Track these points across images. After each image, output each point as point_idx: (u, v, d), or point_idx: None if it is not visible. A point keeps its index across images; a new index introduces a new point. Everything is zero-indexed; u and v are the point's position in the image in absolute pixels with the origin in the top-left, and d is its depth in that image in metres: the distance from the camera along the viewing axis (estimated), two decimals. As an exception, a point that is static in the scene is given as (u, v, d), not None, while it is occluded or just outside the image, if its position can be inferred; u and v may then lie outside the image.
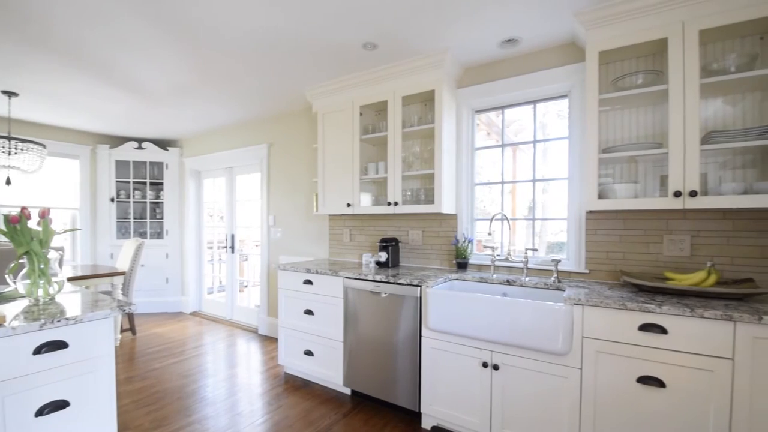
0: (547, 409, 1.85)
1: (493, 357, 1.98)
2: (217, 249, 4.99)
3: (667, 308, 1.57)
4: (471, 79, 2.73)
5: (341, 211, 3.01)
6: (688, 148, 1.76)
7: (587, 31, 2.01)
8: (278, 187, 4.01)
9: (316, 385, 2.84)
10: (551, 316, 1.80)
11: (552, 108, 2.63)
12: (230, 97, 3.43)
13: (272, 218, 4.05)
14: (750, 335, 1.45)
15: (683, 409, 1.56)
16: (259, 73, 2.87)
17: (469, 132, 2.78)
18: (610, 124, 2.20)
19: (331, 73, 2.86)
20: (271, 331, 4.00)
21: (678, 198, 1.79)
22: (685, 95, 1.77)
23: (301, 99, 3.48)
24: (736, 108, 1.90)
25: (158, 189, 5.13)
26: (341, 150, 3.01)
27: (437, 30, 2.23)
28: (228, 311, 4.68)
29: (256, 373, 3.07)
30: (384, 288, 2.40)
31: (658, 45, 1.92)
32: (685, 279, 1.83)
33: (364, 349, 2.50)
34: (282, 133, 3.97)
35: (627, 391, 1.67)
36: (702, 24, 1.74)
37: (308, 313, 2.80)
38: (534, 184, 2.61)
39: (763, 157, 1.85)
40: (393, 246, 2.87)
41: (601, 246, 2.25)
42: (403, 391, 2.31)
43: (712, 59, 1.86)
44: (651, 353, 1.61)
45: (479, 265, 2.69)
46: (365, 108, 3.00)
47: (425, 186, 2.89)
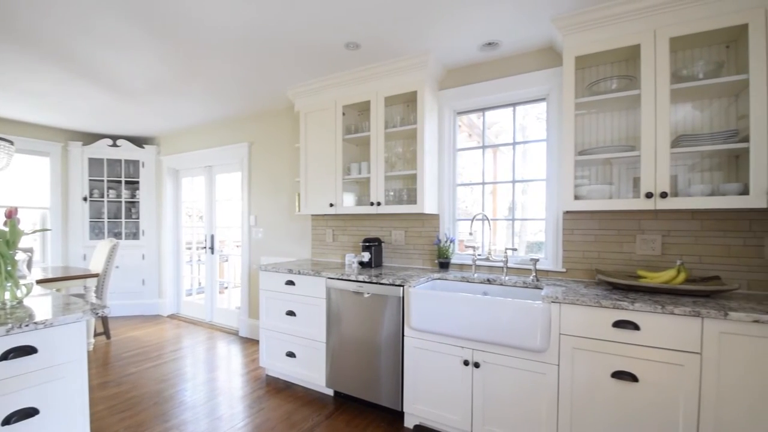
0: (527, 404, 1.89)
1: (474, 355, 2.01)
2: (196, 250, 4.89)
3: (639, 305, 1.63)
4: (453, 81, 2.77)
5: (324, 211, 3.00)
6: (659, 151, 1.83)
7: (564, 36, 2.07)
8: (260, 186, 3.96)
9: (298, 387, 2.81)
10: (530, 314, 1.84)
11: (531, 111, 2.68)
12: (210, 95, 3.36)
13: (253, 218, 3.99)
14: (717, 330, 1.52)
15: (655, 402, 1.62)
16: (240, 70, 2.82)
17: (450, 133, 2.81)
18: (586, 127, 2.27)
19: (313, 72, 2.84)
20: (253, 333, 3.94)
21: (650, 199, 1.86)
22: (656, 100, 1.84)
23: (282, 97, 3.44)
24: (704, 113, 1.99)
25: (134, 188, 4.98)
26: (324, 150, 2.99)
27: (419, 32, 2.25)
28: (207, 313, 4.59)
29: (236, 376, 3.01)
30: (367, 288, 2.40)
31: (632, 51, 1.99)
32: (657, 277, 1.91)
33: (346, 350, 2.49)
34: (263, 131, 3.92)
35: (602, 386, 1.72)
36: (672, 32, 1.82)
37: (290, 314, 2.77)
38: (513, 185, 2.66)
39: (729, 160, 1.94)
40: (376, 246, 2.87)
41: (577, 245, 2.32)
42: (386, 391, 2.32)
43: (682, 66, 1.94)
44: (624, 349, 1.67)
45: (461, 264, 2.73)
46: (348, 108, 2.99)
47: (408, 186, 2.91)
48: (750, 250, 1.92)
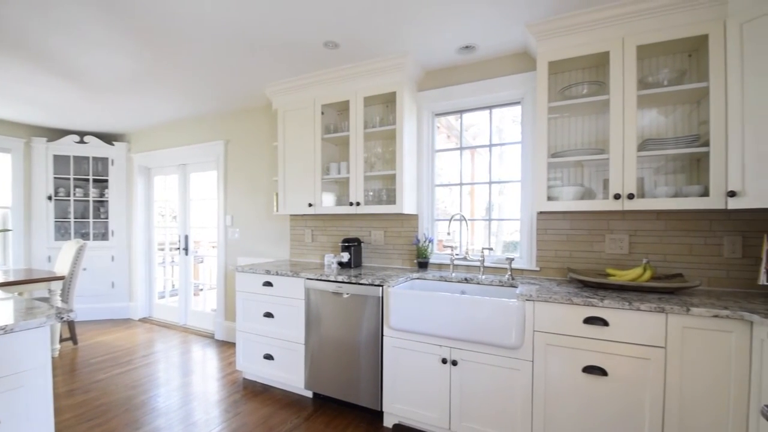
0: (502, 400, 1.93)
1: (452, 353, 2.04)
2: (169, 251, 4.74)
3: (608, 302, 1.69)
4: (431, 83, 2.79)
5: (303, 211, 2.97)
6: (627, 155, 1.92)
7: (538, 42, 2.13)
8: (236, 185, 3.88)
9: (276, 390, 2.78)
10: (505, 312, 1.88)
11: (507, 114, 2.74)
12: (184, 91, 3.27)
13: (230, 218, 3.90)
14: (680, 325, 1.60)
15: (623, 395, 1.69)
16: (216, 66, 2.76)
17: (429, 134, 2.84)
18: (558, 131, 2.34)
19: (292, 70, 2.81)
20: (229, 335, 3.86)
21: (618, 200, 1.94)
22: (624, 105, 1.92)
23: (260, 95, 3.38)
24: (668, 118, 2.09)
25: (103, 186, 4.78)
26: (303, 149, 2.96)
27: (397, 33, 2.26)
28: (181, 316, 4.46)
29: (212, 380, 2.95)
30: (346, 288, 2.39)
31: (602, 58, 2.07)
32: (624, 275, 1.99)
33: (326, 351, 2.48)
34: (240, 129, 3.84)
35: (573, 381, 1.78)
36: (639, 40, 1.90)
37: (268, 316, 2.73)
38: (490, 186, 2.71)
39: (691, 163, 2.05)
40: (355, 246, 2.87)
41: (550, 245, 2.39)
42: (366, 391, 2.32)
43: (648, 73, 2.04)
44: (594, 344, 1.73)
45: (439, 264, 2.76)
46: (327, 107, 2.98)
47: (387, 186, 2.92)
48: (710, 248, 2.03)
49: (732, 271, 1.98)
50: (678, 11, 1.83)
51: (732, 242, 1.98)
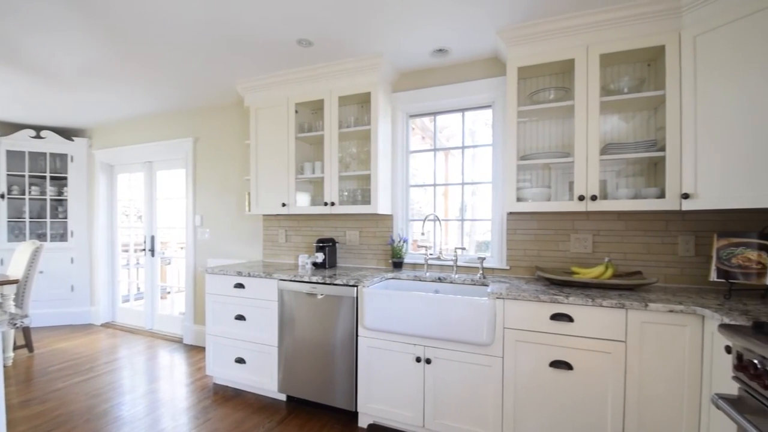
0: (475, 396, 1.98)
1: (426, 352, 2.07)
2: (134, 252, 4.54)
3: (573, 299, 1.77)
4: (406, 84, 2.82)
5: (276, 211, 2.92)
6: (590, 158, 2.01)
7: (508, 48, 2.19)
8: (206, 184, 3.77)
9: (248, 394, 2.72)
10: (477, 310, 1.93)
11: (480, 117, 2.81)
12: (151, 85, 3.14)
13: (199, 218, 3.79)
14: (639, 320, 1.69)
15: (588, 387, 1.77)
16: (185, 61, 2.67)
17: (404, 135, 2.87)
18: (527, 134, 2.42)
19: (264, 67, 2.76)
20: (198, 339, 3.75)
21: (582, 201, 2.03)
22: (587, 111, 2.01)
23: (231, 91, 3.30)
24: (629, 124, 2.21)
25: (61, 184, 4.52)
26: (276, 147, 2.91)
27: (371, 34, 2.26)
28: (148, 321, 4.28)
29: (181, 386, 2.85)
30: (320, 289, 2.38)
31: (567, 65, 2.16)
32: (588, 273, 2.08)
33: (300, 353, 2.45)
34: (210, 126, 3.73)
35: (541, 375, 1.85)
36: (602, 49, 1.99)
37: (240, 319, 2.67)
38: (463, 187, 2.77)
39: (649, 167, 2.17)
40: (330, 246, 2.86)
41: (519, 244, 2.47)
42: (341, 393, 2.32)
43: (610, 80, 2.14)
44: (561, 340, 1.81)
45: (414, 264, 2.79)
46: (301, 105, 2.94)
47: (362, 187, 2.92)
48: (666, 247, 2.16)
49: (686, 268, 2.12)
50: (638, 22, 1.93)
51: (686, 241, 2.11)
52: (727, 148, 1.69)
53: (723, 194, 1.71)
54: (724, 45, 1.70)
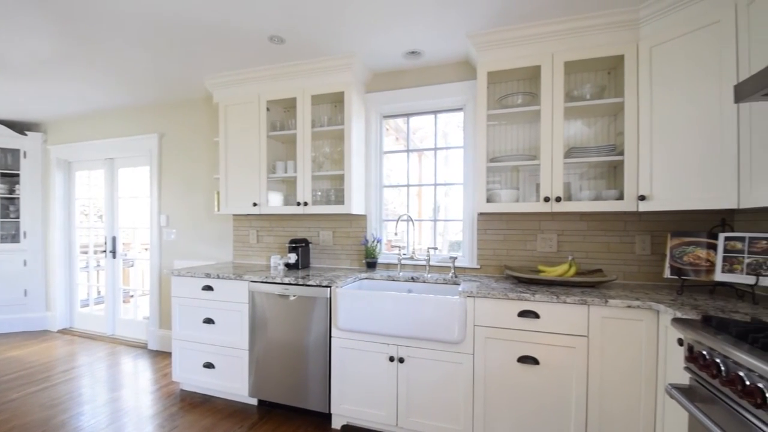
0: (446, 393, 2.02)
1: (399, 351, 2.09)
2: (94, 254, 4.31)
3: (539, 296, 1.84)
4: (379, 85, 2.83)
5: (247, 210, 2.86)
6: (555, 161, 2.09)
7: (478, 52, 2.25)
8: (172, 182, 3.63)
9: (218, 400, 2.65)
10: (448, 308, 1.97)
11: (453, 119, 2.86)
12: (113, 78, 2.98)
13: (165, 218, 3.64)
14: (600, 316, 1.78)
15: (553, 381, 1.85)
16: (150, 53, 2.55)
17: (377, 136, 2.87)
18: (497, 137, 2.49)
19: (235, 62, 2.68)
20: (164, 345, 3.61)
21: (547, 203, 2.11)
22: (553, 116, 2.10)
23: (200, 87, 3.19)
24: (591, 129, 2.31)
25: (12, 182, 4.22)
26: (246, 146, 2.85)
27: (344, 33, 2.26)
28: (109, 326, 4.08)
29: (145, 394, 2.74)
30: (293, 290, 2.35)
31: (534, 71, 2.24)
32: (553, 271, 2.17)
33: (272, 356, 2.41)
34: (177, 122, 3.59)
35: (510, 370, 1.91)
36: (567, 57, 2.08)
37: (208, 322, 2.60)
38: (435, 188, 2.81)
39: (609, 170, 2.29)
40: (303, 247, 2.83)
41: (489, 244, 2.54)
42: (314, 395, 2.30)
43: (574, 87, 2.24)
44: (528, 336, 1.88)
45: (387, 264, 2.81)
46: (273, 103, 2.89)
47: (335, 187, 2.91)
48: (625, 246, 2.28)
49: (643, 266, 2.25)
50: (599, 32, 2.03)
51: (642, 240, 2.24)
52: (678, 153, 1.81)
53: (675, 196, 1.83)
54: (677, 56, 1.81)
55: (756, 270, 1.63)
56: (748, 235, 1.69)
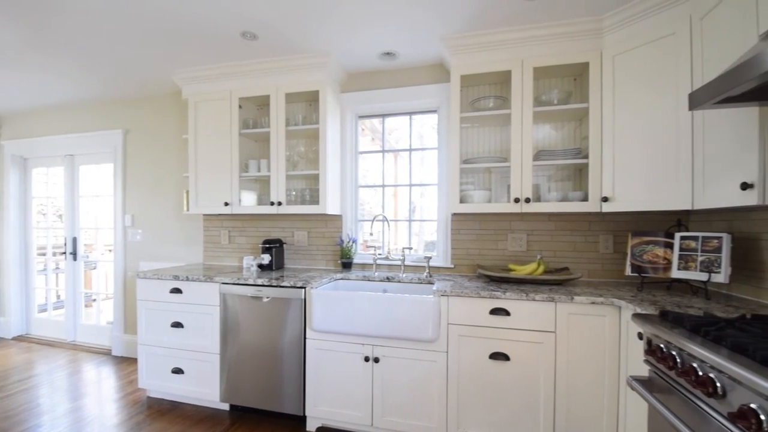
0: (421, 391, 2.05)
1: (374, 351, 2.10)
2: (53, 255, 4.07)
3: (509, 294, 1.89)
4: (354, 85, 2.82)
5: (218, 210, 2.78)
6: (524, 163, 2.16)
7: (452, 56, 2.29)
8: (138, 181, 3.48)
9: (187, 406, 2.57)
10: (423, 307, 1.99)
11: (428, 120, 2.89)
12: (73, 68, 2.81)
13: (130, 218, 3.49)
14: (566, 312, 1.85)
15: (522, 376, 1.91)
16: (114, 44, 2.42)
17: (353, 136, 2.87)
18: (470, 139, 2.54)
19: (205, 57, 2.60)
20: (129, 350, 3.46)
21: (517, 203, 2.18)
22: (522, 119, 2.16)
23: (167, 81, 3.07)
24: (558, 133, 2.40)
25: (-42, 180, 3.92)
26: (217, 143, 2.77)
27: (319, 32, 2.24)
28: (69, 332, 3.87)
29: (109, 402, 2.62)
30: (266, 292, 2.31)
31: (505, 75, 2.30)
32: (522, 269, 2.24)
33: (244, 359, 2.36)
34: (143, 118, 3.45)
35: (482, 367, 1.96)
36: (536, 62, 2.15)
37: (177, 326, 2.51)
38: (410, 188, 2.84)
39: (575, 172, 2.38)
40: (277, 248, 2.78)
41: (463, 244, 2.59)
42: (288, 398, 2.27)
43: (542, 92, 2.31)
44: (499, 333, 1.93)
45: (363, 264, 2.81)
46: (245, 101, 2.83)
47: (310, 186, 2.88)
48: (589, 245, 2.38)
49: (606, 264, 2.36)
50: (566, 40, 2.11)
51: (605, 240, 2.35)
52: (638, 157, 1.91)
53: (635, 198, 1.93)
54: (637, 65, 1.91)
55: (708, 267, 1.74)
56: (701, 235, 1.80)
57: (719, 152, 1.53)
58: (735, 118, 1.44)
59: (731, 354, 0.99)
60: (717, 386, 0.99)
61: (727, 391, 0.96)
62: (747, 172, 1.37)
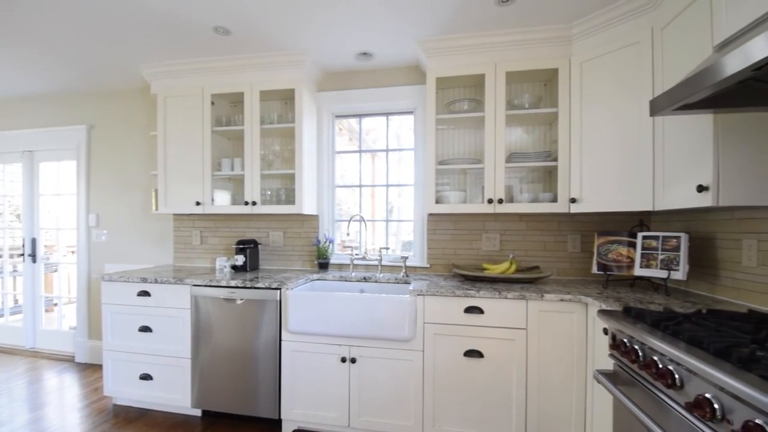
0: (397, 390, 2.06)
1: (351, 351, 2.10)
2: (9, 257, 3.83)
3: (483, 293, 1.94)
4: (331, 84, 2.80)
5: (189, 210, 2.70)
6: (498, 165, 2.21)
7: (428, 58, 2.31)
8: (103, 179, 3.33)
9: (156, 413, 2.48)
10: (399, 307, 2.01)
11: (405, 121, 2.90)
12: (34, 60, 2.65)
13: (94, 218, 3.33)
14: (537, 309, 1.91)
15: (496, 372, 1.95)
16: (80, 35, 2.29)
17: (329, 135, 2.85)
18: (445, 140, 2.58)
19: (176, 52, 2.52)
20: (94, 357, 3.31)
21: (491, 204, 2.23)
22: (495, 122, 2.21)
23: (136, 75, 2.95)
24: (530, 136, 2.47)
25: None
26: (189, 141, 2.68)
27: (295, 30, 2.21)
28: (28, 338, 3.65)
29: (73, 411, 2.49)
30: (240, 294, 2.26)
31: (479, 79, 2.34)
32: (496, 268, 2.30)
33: (217, 363, 2.30)
34: (109, 113, 3.30)
35: (457, 365, 1.99)
36: (508, 67, 2.20)
37: (145, 331, 2.42)
38: (387, 189, 2.85)
39: (545, 174, 2.46)
40: (251, 248, 2.73)
41: (439, 243, 2.63)
42: (264, 401, 2.23)
43: (515, 96, 2.37)
44: (473, 330, 1.97)
45: (340, 264, 2.80)
46: (218, 97, 2.76)
47: (286, 186, 2.84)
48: (558, 245, 2.47)
49: (574, 262, 2.45)
50: (536, 46, 2.17)
51: (574, 239, 2.44)
52: (603, 160, 1.99)
53: (601, 199, 2.01)
54: (603, 72, 1.99)
55: (668, 265, 1.84)
56: (662, 234, 1.90)
57: (678, 156, 1.62)
58: (692, 124, 1.52)
59: (688, 347, 1.05)
60: (675, 378, 1.04)
61: (684, 382, 1.02)
62: (703, 175, 1.46)
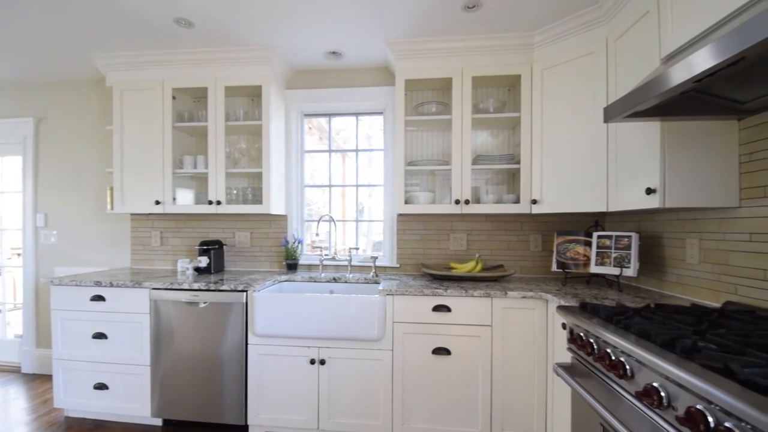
0: (367, 390, 2.07)
1: (320, 353, 2.08)
2: (-61, 262, 3.48)
3: (450, 291, 1.98)
4: (300, 82, 2.76)
5: (148, 209, 2.57)
6: (464, 167, 2.27)
7: (396, 60, 2.34)
8: (53, 176, 3.10)
9: (113, 425, 2.34)
10: (369, 307, 2.01)
11: (376, 122, 2.92)
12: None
13: (42, 217, 3.10)
14: (501, 306, 1.98)
15: (463, 368, 2.01)
16: (28, 19, 2.12)
17: (298, 134, 2.81)
18: (414, 142, 2.62)
19: (133, 43, 2.39)
20: (43, 367, 3.08)
21: (458, 205, 2.29)
22: (462, 125, 2.27)
23: (89, 66, 2.76)
24: (495, 139, 2.56)
25: None
26: (147, 137, 2.55)
27: (260, 25, 2.16)
28: (-37, 348, 3.34)
29: (19, 426, 2.31)
30: (204, 297, 2.18)
31: (447, 82, 2.40)
32: (462, 268, 2.36)
33: (180, 370, 2.21)
34: (60, 105, 3.07)
35: (425, 362, 2.03)
36: (474, 72, 2.27)
37: (99, 338, 2.28)
38: (357, 189, 2.85)
39: (509, 177, 2.56)
40: (216, 249, 2.64)
41: (408, 243, 2.66)
42: (229, 408, 2.17)
43: (480, 100, 2.44)
44: (441, 328, 2.01)
45: (309, 265, 2.76)
46: (180, 92, 2.64)
47: (253, 185, 2.77)
48: (521, 244, 2.57)
49: (536, 261, 2.56)
50: (501, 52, 2.25)
51: (535, 239, 2.55)
52: (562, 163, 2.10)
53: (560, 201, 2.11)
54: (562, 79, 2.10)
55: (620, 263, 1.96)
56: (615, 234, 2.02)
57: (629, 161, 1.74)
58: (642, 130, 1.64)
59: (638, 339, 1.12)
60: (627, 369, 1.11)
61: (635, 372, 1.09)
62: (651, 178, 1.57)
